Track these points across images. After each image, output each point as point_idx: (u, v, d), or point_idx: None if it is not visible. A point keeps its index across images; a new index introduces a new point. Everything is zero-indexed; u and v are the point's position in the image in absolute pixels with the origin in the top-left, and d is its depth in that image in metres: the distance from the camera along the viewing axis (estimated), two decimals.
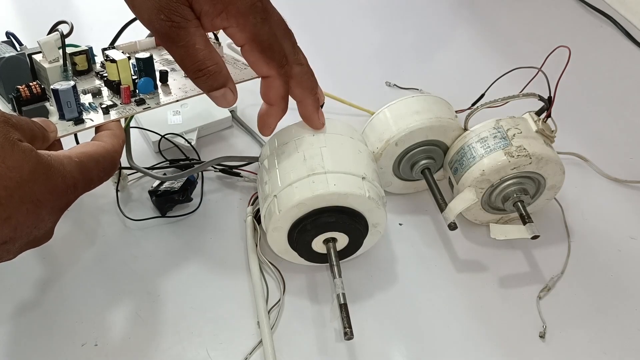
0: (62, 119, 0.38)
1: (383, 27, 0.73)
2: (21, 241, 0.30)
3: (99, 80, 0.43)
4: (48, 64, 0.40)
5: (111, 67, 0.40)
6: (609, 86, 0.66)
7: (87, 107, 0.40)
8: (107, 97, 0.41)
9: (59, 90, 0.37)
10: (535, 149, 0.43)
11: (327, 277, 0.45)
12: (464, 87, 0.56)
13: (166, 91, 0.43)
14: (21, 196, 0.28)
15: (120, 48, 0.46)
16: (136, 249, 0.46)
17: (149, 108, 0.41)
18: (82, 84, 0.43)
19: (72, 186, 0.32)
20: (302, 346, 0.41)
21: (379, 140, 0.46)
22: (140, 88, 0.41)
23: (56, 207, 0.31)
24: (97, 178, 0.34)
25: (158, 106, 0.41)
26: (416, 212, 0.50)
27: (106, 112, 0.39)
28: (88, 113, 0.39)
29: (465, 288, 0.45)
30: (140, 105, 0.41)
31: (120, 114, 0.39)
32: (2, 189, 0.27)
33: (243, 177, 0.51)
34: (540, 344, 0.42)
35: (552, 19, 0.76)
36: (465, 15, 0.76)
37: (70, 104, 0.38)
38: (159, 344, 0.40)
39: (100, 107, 0.40)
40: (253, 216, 0.47)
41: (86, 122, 0.39)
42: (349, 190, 0.39)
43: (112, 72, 0.41)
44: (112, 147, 0.36)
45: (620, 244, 0.49)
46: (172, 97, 0.42)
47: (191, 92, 0.43)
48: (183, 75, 0.45)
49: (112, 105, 0.40)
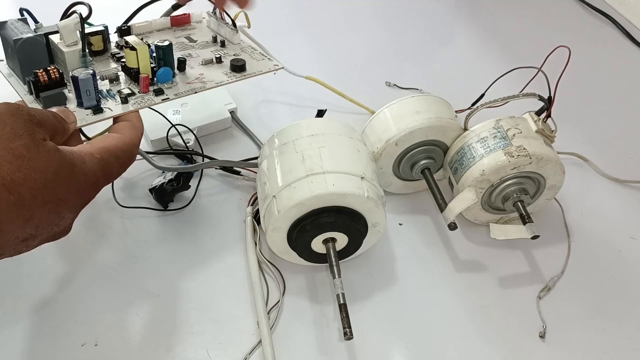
0: (80, 106, 0.37)
1: (383, 27, 0.73)
2: (41, 237, 0.31)
3: (114, 62, 0.42)
4: (66, 48, 0.39)
5: (130, 54, 0.39)
6: (609, 86, 0.66)
7: (105, 94, 0.39)
8: (125, 83, 0.41)
9: (79, 78, 0.36)
10: (535, 149, 0.43)
11: (327, 277, 0.45)
12: (464, 87, 0.56)
13: (184, 80, 0.42)
14: (44, 197, 0.28)
15: (135, 29, 0.45)
16: (136, 249, 0.46)
17: (168, 99, 0.40)
18: (98, 66, 0.42)
19: (94, 183, 0.32)
20: (302, 346, 0.41)
21: (378, 140, 0.46)
22: (159, 78, 0.40)
23: (77, 205, 0.32)
24: (117, 173, 0.34)
25: (177, 97, 0.40)
26: (416, 212, 0.50)
27: (125, 101, 0.39)
28: (106, 101, 0.39)
29: (465, 288, 0.45)
30: (159, 96, 0.40)
31: (138, 105, 0.39)
32: (26, 191, 0.27)
33: (243, 176, 0.51)
34: (540, 344, 0.42)
35: (552, 19, 0.76)
36: (465, 15, 0.76)
37: (90, 92, 0.37)
38: (159, 344, 0.40)
39: (119, 96, 0.39)
40: (253, 216, 0.47)
41: (105, 111, 0.38)
42: (347, 190, 0.39)
43: (130, 60, 0.40)
44: (131, 140, 0.36)
45: (620, 244, 0.49)
46: (191, 87, 0.41)
47: (209, 84, 0.42)
48: (200, 63, 0.44)
49: (130, 94, 0.39)
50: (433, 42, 0.71)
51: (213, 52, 0.46)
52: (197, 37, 0.48)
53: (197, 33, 0.49)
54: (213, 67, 0.44)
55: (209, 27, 0.50)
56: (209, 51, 0.46)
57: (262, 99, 0.60)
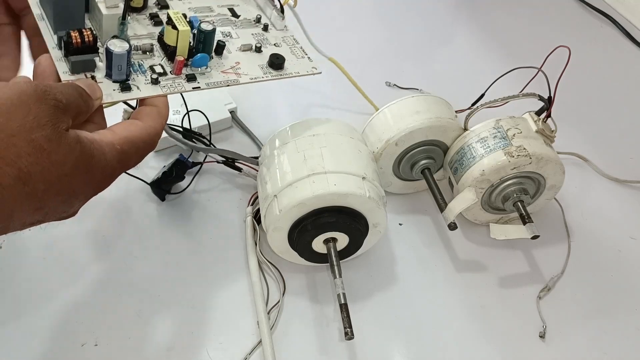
0: (108, 77, 0.36)
1: (383, 27, 0.73)
2: (48, 222, 0.30)
3: (151, 25, 0.40)
4: (106, 10, 0.37)
5: (171, 33, 0.37)
6: (609, 86, 0.66)
7: (137, 68, 0.37)
8: (159, 57, 0.38)
9: (114, 53, 0.34)
10: (535, 149, 0.43)
11: (327, 277, 0.45)
12: (464, 87, 0.56)
13: (219, 67, 0.40)
14: (58, 189, 0.28)
15: None
16: (136, 248, 0.46)
17: (199, 88, 0.38)
18: (133, 26, 0.40)
19: (109, 175, 0.31)
20: (302, 346, 0.41)
21: (379, 140, 0.46)
22: (194, 63, 0.39)
23: (90, 195, 0.31)
24: (134, 163, 0.33)
25: (208, 88, 0.38)
26: (416, 212, 0.50)
27: (155, 82, 0.37)
28: (136, 76, 0.37)
29: (465, 288, 0.45)
30: (191, 83, 0.38)
31: (168, 89, 0.37)
32: (41, 183, 0.27)
33: (243, 172, 0.51)
34: (540, 344, 0.42)
35: (552, 19, 0.76)
36: (465, 15, 0.76)
37: (121, 67, 0.35)
38: (159, 344, 0.40)
39: (150, 74, 0.37)
40: (253, 216, 0.47)
41: (132, 90, 0.36)
42: (349, 190, 0.39)
43: (170, 38, 0.38)
44: (155, 130, 0.34)
45: (620, 244, 0.49)
46: (224, 79, 0.39)
47: (243, 78, 0.40)
48: (239, 48, 0.42)
49: (162, 73, 0.37)
50: (433, 42, 0.71)
51: (254, 36, 0.43)
52: (240, 12, 0.45)
53: (242, 6, 0.45)
54: (250, 56, 0.42)
55: (255, 1, 0.46)
56: (250, 34, 0.43)
57: (262, 99, 0.60)
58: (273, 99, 0.60)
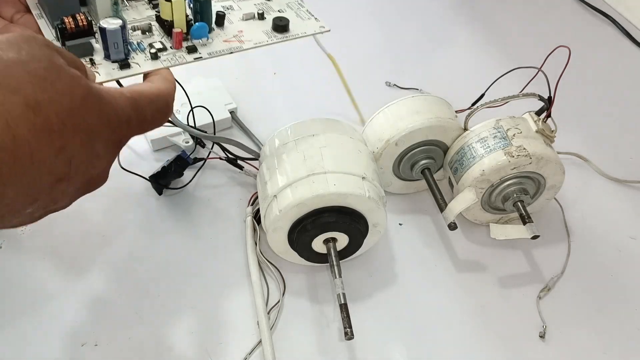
0: (107, 59, 0.35)
1: (383, 27, 0.73)
2: (76, 180, 0.27)
3: (150, 9, 0.40)
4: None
5: (165, 5, 0.37)
6: (609, 86, 0.66)
7: (135, 47, 0.37)
8: (158, 35, 0.38)
9: (107, 29, 0.34)
10: (535, 149, 0.43)
11: (327, 277, 0.45)
12: (464, 87, 0.56)
13: (221, 37, 0.39)
14: (74, 124, 0.25)
15: None
16: (136, 248, 0.46)
17: (200, 59, 0.37)
18: (132, 12, 0.40)
19: (126, 121, 0.29)
20: (302, 346, 0.41)
21: (379, 140, 0.46)
22: (193, 34, 0.38)
23: (110, 141, 0.28)
24: (151, 118, 0.31)
25: (210, 57, 0.38)
26: (416, 212, 0.50)
27: (155, 57, 0.36)
28: (135, 54, 0.37)
29: (465, 288, 0.45)
30: (192, 54, 0.37)
31: (169, 62, 0.37)
32: (53, 114, 0.24)
33: (244, 171, 0.51)
34: (540, 344, 0.42)
35: (552, 19, 0.76)
36: (465, 15, 0.76)
37: (117, 45, 0.35)
38: (159, 344, 0.40)
39: (149, 51, 0.37)
40: (253, 216, 0.47)
41: (132, 67, 0.36)
42: (349, 190, 0.39)
43: (165, 11, 0.37)
44: (166, 89, 0.33)
45: (620, 244, 0.49)
46: (227, 47, 0.38)
47: (247, 44, 0.39)
48: (241, 18, 0.41)
49: (161, 49, 0.37)
50: (433, 42, 0.71)
51: (257, 6, 0.43)
52: None
53: None
54: (254, 24, 0.41)
55: None
56: (253, 4, 0.43)
57: (262, 99, 0.60)
58: (273, 99, 0.60)
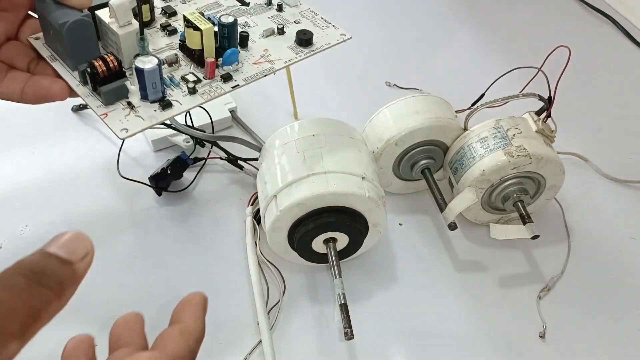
0: (144, 99, 0.34)
1: (383, 27, 0.73)
2: None
3: (166, 36, 0.38)
4: (121, 29, 0.34)
5: (194, 35, 0.35)
6: (609, 86, 0.66)
7: (169, 82, 0.36)
8: (186, 65, 0.37)
9: (145, 70, 0.32)
10: (535, 149, 0.43)
11: (327, 277, 0.45)
12: (464, 87, 0.56)
13: (249, 59, 0.38)
14: None
15: None
16: (135, 248, 0.46)
17: (238, 86, 0.36)
18: (150, 42, 0.38)
19: None
20: (302, 346, 0.41)
21: (379, 140, 0.46)
22: (225, 61, 0.36)
23: None
24: None
25: (247, 83, 0.36)
26: (416, 212, 0.50)
27: (193, 91, 0.35)
28: (171, 90, 0.35)
29: (465, 288, 0.45)
30: (228, 83, 0.36)
31: (208, 96, 0.35)
32: None
33: (244, 171, 0.51)
34: (540, 344, 0.42)
35: (552, 19, 0.76)
36: (465, 15, 0.76)
37: (156, 84, 0.33)
38: None
39: (187, 86, 0.35)
40: (252, 216, 0.47)
41: (173, 105, 0.34)
42: (349, 190, 0.39)
43: (193, 41, 0.35)
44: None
45: (620, 244, 0.49)
46: (260, 70, 0.37)
47: (278, 63, 0.38)
48: (261, 35, 0.40)
49: (196, 81, 0.35)
50: (433, 42, 0.71)
51: (272, 20, 0.42)
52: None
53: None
54: (276, 40, 0.40)
55: None
56: (267, 18, 0.42)
57: (262, 99, 0.60)
58: (273, 98, 0.60)
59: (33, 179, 0.50)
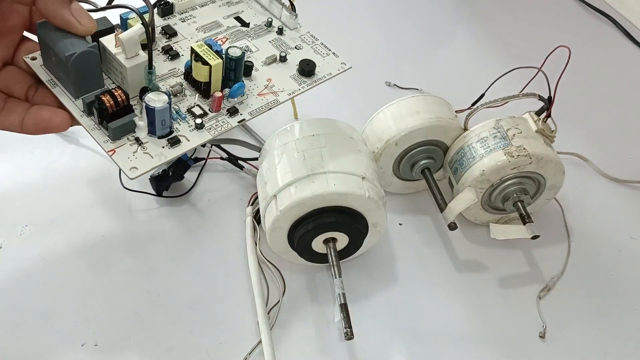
0: (151, 134, 0.34)
1: (383, 27, 0.73)
2: None
3: (167, 60, 0.37)
4: (128, 62, 0.34)
5: (201, 69, 0.34)
6: (609, 86, 0.66)
7: (175, 116, 0.35)
8: (190, 95, 0.36)
9: (156, 109, 0.32)
10: (535, 149, 0.43)
11: (327, 277, 0.45)
12: (464, 87, 0.56)
13: (253, 90, 0.37)
14: None
15: (178, 6, 0.39)
16: (135, 248, 0.46)
17: (244, 120, 0.36)
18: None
19: None
20: (302, 346, 0.41)
21: (379, 140, 0.46)
22: (232, 94, 0.36)
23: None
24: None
25: (252, 117, 0.36)
26: (416, 212, 0.50)
27: (200, 127, 0.34)
28: (178, 124, 0.35)
29: (465, 288, 0.45)
30: (234, 117, 0.35)
31: (215, 131, 0.35)
32: None
33: (244, 171, 0.51)
34: (540, 344, 0.42)
35: (552, 19, 0.76)
36: (465, 15, 0.76)
37: (165, 121, 0.33)
38: (159, 344, 0.40)
39: (194, 121, 0.34)
40: (253, 216, 0.47)
41: (181, 142, 0.34)
42: (349, 190, 0.39)
43: (200, 74, 0.35)
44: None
45: (620, 244, 0.49)
46: (265, 103, 0.37)
47: (282, 95, 0.37)
48: (263, 63, 0.40)
49: (202, 114, 0.35)
50: (433, 42, 0.71)
51: (273, 43, 0.41)
52: (248, 17, 0.42)
53: (247, 10, 0.43)
54: (278, 68, 0.40)
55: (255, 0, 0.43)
56: (268, 42, 0.42)
57: None
58: None
59: (33, 179, 0.50)
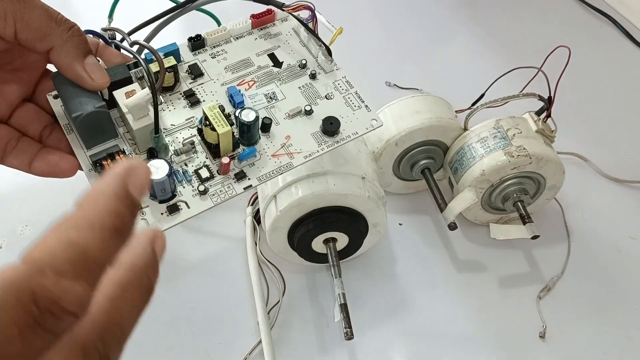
0: (152, 198, 0.33)
1: (383, 27, 0.73)
2: None
3: (187, 106, 0.35)
4: (136, 123, 0.33)
5: (210, 133, 0.33)
6: (609, 86, 0.66)
7: (181, 177, 0.34)
8: (202, 153, 0.34)
9: (154, 182, 0.31)
10: (535, 149, 0.43)
11: (327, 277, 0.45)
12: (464, 87, 0.56)
13: (268, 149, 0.35)
14: None
15: (209, 40, 0.38)
16: None
17: (250, 187, 0.34)
18: (170, 115, 0.35)
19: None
20: (302, 346, 0.41)
21: (379, 140, 0.46)
22: (242, 158, 0.34)
23: None
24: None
25: (260, 183, 0.34)
26: (416, 212, 0.50)
27: (203, 192, 0.33)
28: (182, 187, 0.33)
29: (465, 288, 0.45)
30: (241, 183, 0.34)
31: (219, 199, 0.33)
32: None
33: None
34: (540, 344, 0.42)
35: (552, 19, 0.76)
36: (465, 15, 0.76)
37: (165, 190, 0.32)
38: (159, 344, 0.40)
39: (198, 188, 0.33)
40: (253, 216, 0.47)
41: (181, 209, 0.33)
42: (348, 190, 0.39)
43: (210, 137, 0.34)
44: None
45: (620, 244, 0.49)
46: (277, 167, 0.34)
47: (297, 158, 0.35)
48: (286, 115, 0.36)
49: (208, 177, 0.33)
50: (433, 42, 0.71)
51: (302, 90, 0.37)
52: (282, 56, 0.38)
53: (283, 46, 0.39)
54: (301, 123, 0.36)
55: (295, 32, 0.40)
56: (297, 88, 0.37)
57: None
58: None
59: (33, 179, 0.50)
